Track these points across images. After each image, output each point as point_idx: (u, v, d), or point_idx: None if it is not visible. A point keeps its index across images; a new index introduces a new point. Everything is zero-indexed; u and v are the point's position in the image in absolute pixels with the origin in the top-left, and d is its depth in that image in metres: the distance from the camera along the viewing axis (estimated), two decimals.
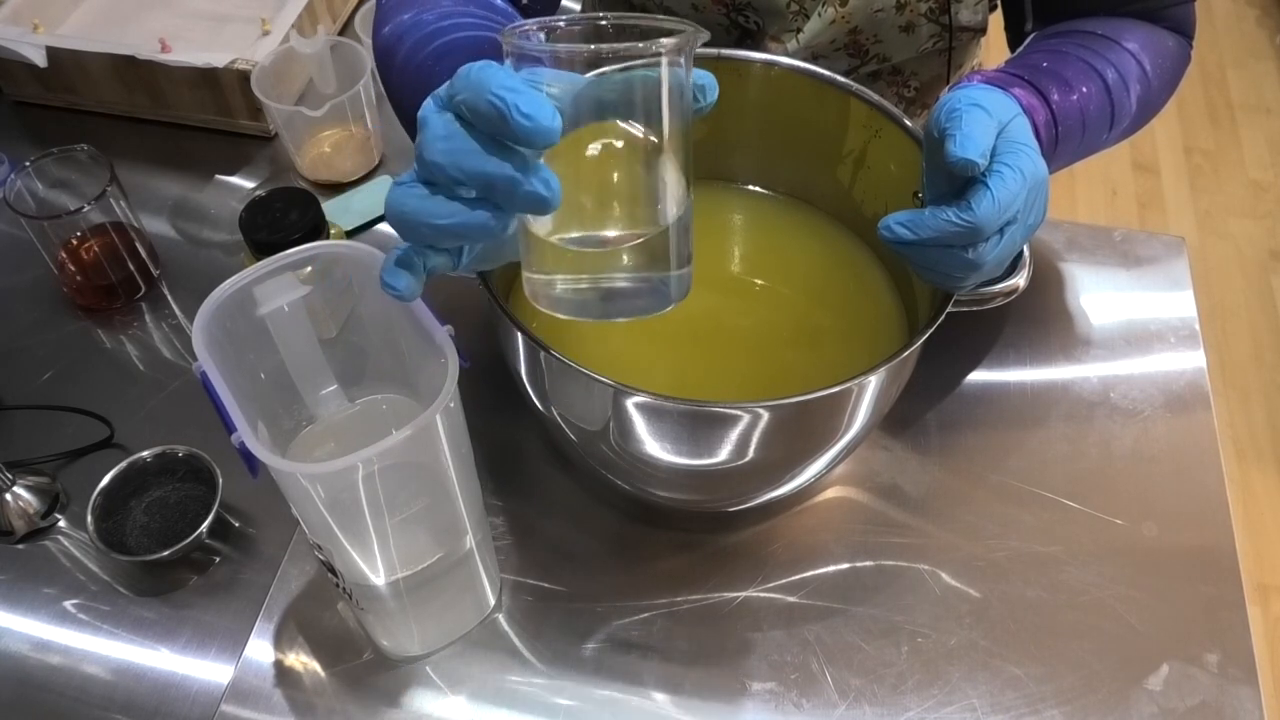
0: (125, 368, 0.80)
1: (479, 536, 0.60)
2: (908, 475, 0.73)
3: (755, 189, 0.77)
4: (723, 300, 0.72)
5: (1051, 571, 0.68)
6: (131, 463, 0.70)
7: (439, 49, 0.62)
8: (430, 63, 0.61)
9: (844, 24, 0.81)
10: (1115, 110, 0.68)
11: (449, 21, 0.64)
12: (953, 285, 0.57)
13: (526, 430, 0.75)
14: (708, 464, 0.59)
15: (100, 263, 0.82)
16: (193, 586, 0.68)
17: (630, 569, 0.69)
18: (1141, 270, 0.85)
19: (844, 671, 0.64)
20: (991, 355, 0.79)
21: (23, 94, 0.99)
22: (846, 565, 0.69)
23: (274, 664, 0.65)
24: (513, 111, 0.39)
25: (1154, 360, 0.79)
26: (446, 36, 0.62)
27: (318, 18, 1.01)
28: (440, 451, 0.51)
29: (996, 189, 0.52)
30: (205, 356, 0.49)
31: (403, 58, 0.64)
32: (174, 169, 0.94)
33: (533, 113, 0.39)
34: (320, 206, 0.75)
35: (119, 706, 0.63)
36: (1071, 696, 0.63)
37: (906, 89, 0.90)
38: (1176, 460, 0.74)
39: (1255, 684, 0.63)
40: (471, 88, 0.41)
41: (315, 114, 0.87)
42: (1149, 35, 0.72)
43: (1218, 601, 0.67)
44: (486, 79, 0.40)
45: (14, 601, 0.68)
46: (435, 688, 0.64)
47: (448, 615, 0.64)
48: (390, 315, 0.55)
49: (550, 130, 0.39)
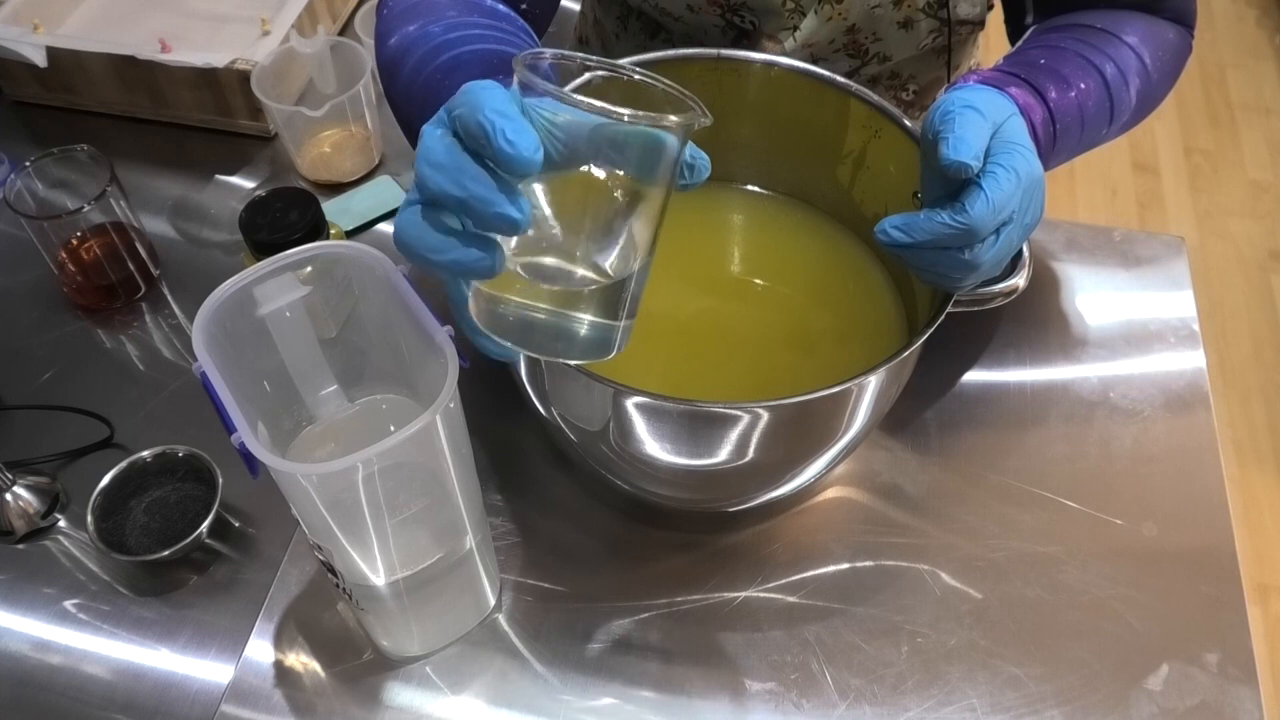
0: (125, 368, 0.80)
1: (479, 537, 0.60)
2: (908, 475, 0.73)
3: (755, 189, 0.77)
4: (722, 300, 0.72)
5: (1051, 571, 0.68)
6: (131, 463, 0.70)
7: (448, 63, 0.61)
8: (439, 77, 0.61)
9: (841, 21, 0.81)
10: (1114, 105, 0.68)
11: (456, 34, 0.63)
12: (951, 286, 0.57)
13: (526, 430, 0.75)
14: (708, 464, 0.59)
15: (100, 263, 0.82)
16: (193, 586, 0.68)
17: (630, 569, 0.69)
18: (1141, 270, 0.85)
19: (844, 671, 0.64)
20: (991, 355, 0.79)
21: (23, 94, 0.99)
22: (846, 565, 0.69)
23: (274, 664, 0.65)
24: (498, 135, 0.40)
25: (1154, 360, 0.79)
26: (455, 50, 0.62)
27: (318, 18, 1.01)
28: (440, 451, 0.51)
29: (991, 190, 0.52)
30: (205, 357, 0.49)
31: (410, 70, 0.64)
32: (174, 169, 0.94)
33: (516, 140, 0.40)
34: (320, 206, 0.75)
35: (119, 706, 0.64)
36: (1071, 696, 0.63)
37: (905, 92, 0.90)
38: (1176, 460, 0.74)
39: (1255, 684, 0.63)
40: (468, 105, 0.42)
41: (315, 114, 0.87)
42: (1149, 27, 0.72)
43: (1218, 601, 0.67)
44: (483, 100, 0.42)
45: (14, 601, 0.68)
46: (435, 688, 0.64)
47: (448, 615, 0.64)
48: (390, 316, 0.55)
49: (529, 161, 0.41)
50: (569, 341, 0.48)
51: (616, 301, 0.48)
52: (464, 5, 0.67)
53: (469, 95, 0.43)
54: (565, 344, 0.48)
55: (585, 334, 0.48)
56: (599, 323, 0.48)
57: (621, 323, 0.49)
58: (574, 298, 0.48)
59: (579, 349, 0.49)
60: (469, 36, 0.63)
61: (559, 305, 0.48)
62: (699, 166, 0.49)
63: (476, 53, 0.62)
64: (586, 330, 0.48)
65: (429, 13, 0.66)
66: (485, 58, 0.62)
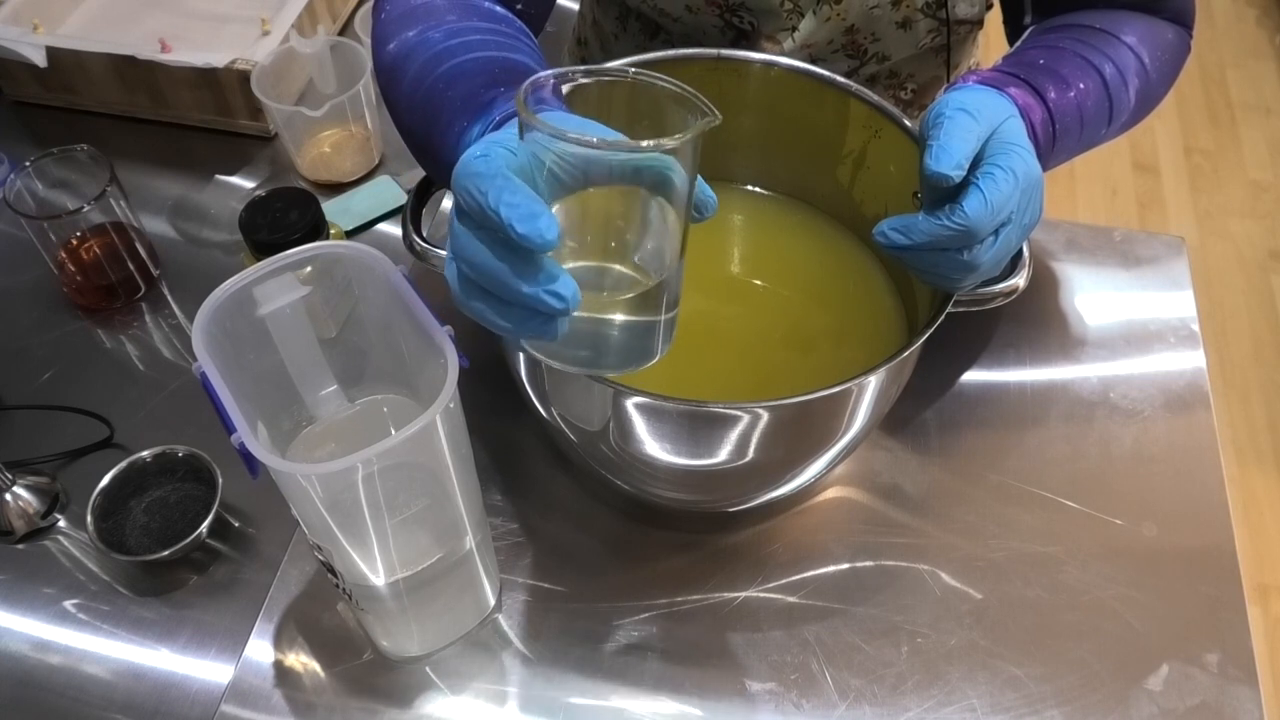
0: (125, 368, 0.80)
1: (479, 537, 0.60)
2: (908, 475, 0.73)
3: (755, 189, 0.77)
4: (722, 301, 0.72)
5: (1051, 571, 0.68)
6: (131, 463, 0.70)
7: (450, 72, 0.61)
8: (441, 86, 0.61)
9: (840, 21, 0.81)
10: (1113, 105, 0.68)
11: (457, 40, 0.63)
12: (950, 286, 0.57)
13: (526, 430, 0.75)
14: (708, 464, 0.59)
15: (100, 263, 0.82)
16: (193, 586, 0.68)
17: (630, 569, 0.69)
18: (1141, 270, 0.85)
19: (844, 672, 0.64)
20: (991, 355, 0.79)
21: (23, 94, 0.99)
22: (846, 565, 0.69)
23: (274, 664, 0.65)
24: (512, 229, 0.42)
25: (1154, 360, 0.79)
26: (457, 59, 0.61)
27: (318, 18, 1.01)
28: (440, 452, 0.51)
29: (988, 191, 0.52)
30: (205, 357, 0.49)
31: (411, 79, 0.63)
32: (174, 169, 0.94)
33: (528, 231, 0.42)
34: (320, 206, 0.75)
35: (119, 706, 0.64)
36: (1071, 696, 0.63)
37: (904, 91, 0.90)
38: (1176, 460, 0.74)
39: (1255, 684, 0.63)
40: (471, 194, 0.44)
41: (315, 114, 0.87)
42: (1148, 27, 0.72)
43: (1218, 601, 0.67)
44: (485, 187, 0.43)
45: (14, 601, 0.68)
46: (435, 688, 0.64)
47: (448, 615, 0.64)
48: (390, 316, 0.55)
49: (547, 242, 0.42)
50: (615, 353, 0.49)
51: (659, 301, 0.48)
52: (462, 8, 0.67)
53: (469, 181, 0.44)
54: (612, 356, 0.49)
55: (633, 341, 0.49)
56: (644, 323, 0.49)
57: (663, 317, 0.49)
58: (617, 305, 0.48)
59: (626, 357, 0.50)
60: (470, 44, 0.63)
61: (607, 315, 0.48)
62: (708, 204, 0.50)
63: (478, 61, 0.61)
64: (634, 337, 0.49)
65: (428, 17, 0.66)
66: (487, 66, 0.61)
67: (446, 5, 0.67)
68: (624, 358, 0.50)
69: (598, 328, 0.48)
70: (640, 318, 0.49)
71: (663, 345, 0.50)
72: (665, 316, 0.49)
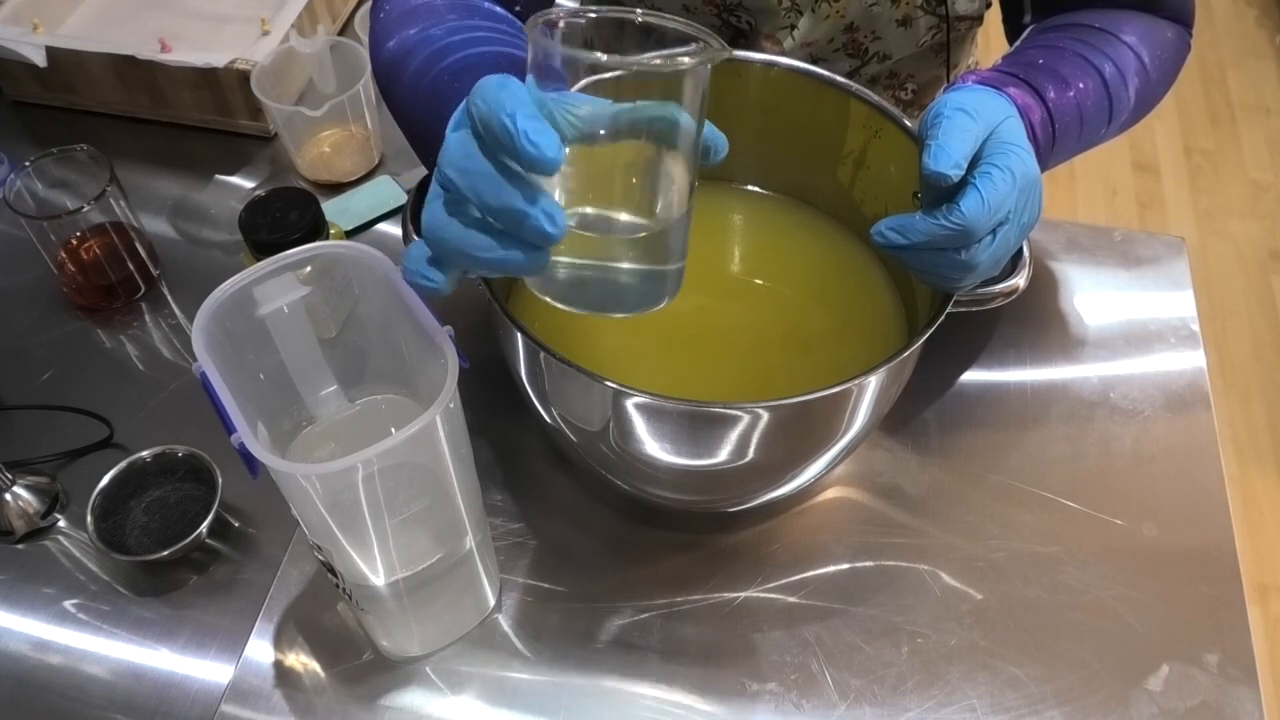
0: (125, 368, 0.80)
1: (479, 537, 0.60)
2: (908, 475, 0.73)
3: (755, 189, 0.77)
4: (723, 300, 0.72)
5: (1051, 572, 0.68)
6: (131, 463, 0.70)
7: (454, 66, 0.61)
8: (447, 79, 0.61)
9: (839, 19, 0.81)
10: (1113, 105, 0.68)
11: (460, 37, 0.63)
12: (950, 286, 0.57)
13: (526, 430, 0.75)
14: (708, 464, 0.59)
15: (100, 263, 0.82)
16: (193, 586, 0.68)
17: (630, 569, 0.69)
18: (1141, 270, 0.85)
19: (844, 672, 0.64)
20: (991, 355, 0.79)
21: (22, 94, 0.99)
22: (846, 565, 0.69)
23: (274, 664, 0.65)
24: (521, 138, 0.41)
25: (1154, 360, 0.79)
26: (460, 53, 0.61)
27: (318, 18, 1.01)
28: (440, 452, 0.51)
29: (986, 191, 0.52)
30: (205, 357, 0.49)
31: (412, 75, 0.63)
32: (174, 169, 0.94)
33: (539, 142, 0.41)
34: (320, 206, 0.75)
35: (119, 706, 0.64)
36: (1071, 697, 0.63)
37: (903, 91, 0.90)
38: (1176, 460, 0.74)
39: (1255, 684, 0.63)
40: (488, 103, 0.42)
41: (315, 114, 0.87)
42: (1147, 27, 0.72)
43: (1218, 601, 0.67)
44: (502, 99, 0.42)
45: (14, 601, 0.68)
46: (435, 688, 0.64)
47: (448, 615, 0.64)
48: (390, 316, 0.55)
49: (552, 162, 0.41)
50: (623, 294, 0.49)
51: (666, 247, 0.49)
52: (463, 9, 0.67)
53: (487, 93, 0.43)
54: (619, 296, 0.49)
55: (638, 283, 0.49)
56: (652, 269, 0.49)
57: (672, 266, 0.50)
58: (625, 247, 0.48)
59: (633, 301, 0.50)
60: (474, 39, 0.63)
61: (609, 258, 0.48)
62: (716, 147, 0.49)
63: (484, 55, 0.61)
64: (639, 278, 0.49)
65: (429, 16, 0.66)
66: (494, 60, 0.61)
67: (446, 5, 0.67)
68: (629, 300, 0.50)
69: (604, 273, 0.49)
70: (645, 265, 0.49)
71: (670, 292, 0.50)
72: (673, 266, 0.50)
